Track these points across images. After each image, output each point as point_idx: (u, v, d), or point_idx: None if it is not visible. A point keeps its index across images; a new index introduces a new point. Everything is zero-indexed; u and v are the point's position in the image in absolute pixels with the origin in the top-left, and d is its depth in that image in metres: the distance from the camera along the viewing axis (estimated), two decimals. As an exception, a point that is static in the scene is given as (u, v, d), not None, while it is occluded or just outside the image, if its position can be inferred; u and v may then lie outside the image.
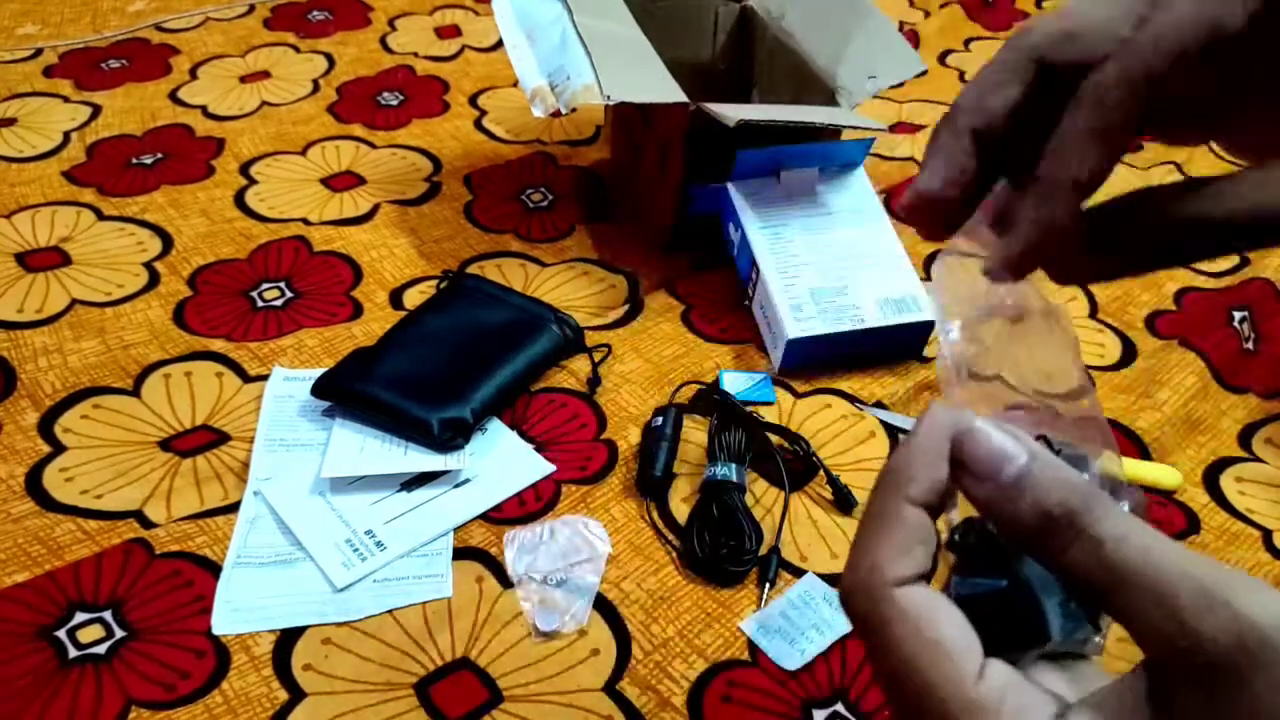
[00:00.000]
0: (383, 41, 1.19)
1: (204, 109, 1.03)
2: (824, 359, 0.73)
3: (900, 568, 0.24)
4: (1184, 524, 0.64)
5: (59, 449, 0.64)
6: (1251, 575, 0.58)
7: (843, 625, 0.56)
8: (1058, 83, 0.28)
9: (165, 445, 0.65)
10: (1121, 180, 0.32)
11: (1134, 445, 0.69)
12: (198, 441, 0.65)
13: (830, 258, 0.75)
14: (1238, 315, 0.81)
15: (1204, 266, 0.87)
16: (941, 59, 1.22)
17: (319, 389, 0.66)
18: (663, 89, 0.72)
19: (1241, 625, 0.20)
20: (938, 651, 0.23)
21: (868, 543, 0.25)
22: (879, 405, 0.71)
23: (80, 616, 0.54)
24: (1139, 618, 0.22)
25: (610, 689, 0.53)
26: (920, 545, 0.25)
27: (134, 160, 0.94)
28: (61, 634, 0.53)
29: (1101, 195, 0.29)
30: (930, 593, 0.24)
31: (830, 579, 0.59)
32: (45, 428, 0.66)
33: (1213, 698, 0.20)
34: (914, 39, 1.26)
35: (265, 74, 1.11)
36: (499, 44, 1.18)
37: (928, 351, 0.76)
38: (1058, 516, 0.23)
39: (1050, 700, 0.23)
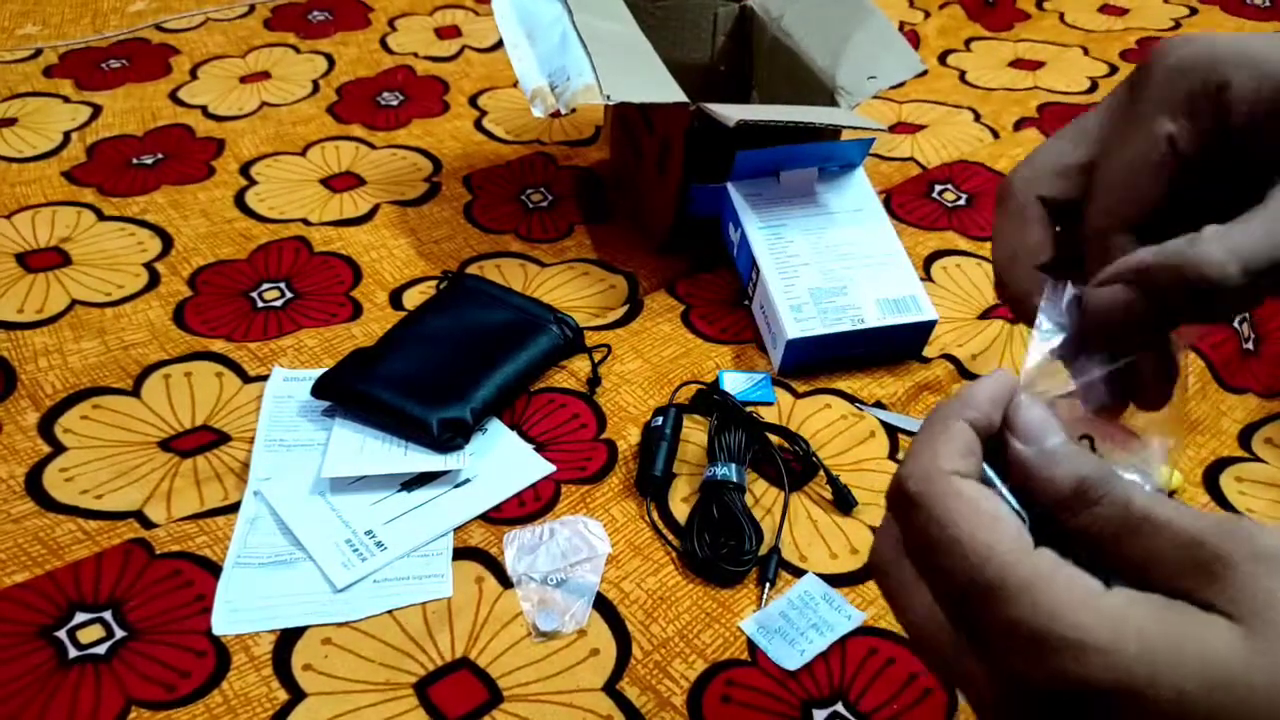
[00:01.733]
0: (383, 42, 1.19)
1: (204, 109, 1.03)
2: (824, 359, 0.73)
3: (954, 461, 0.27)
4: (1184, 524, 0.64)
5: (59, 449, 0.65)
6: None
7: (843, 625, 0.56)
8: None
9: (165, 445, 0.65)
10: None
11: (1134, 445, 0.69)
12: (198, 441, 0.66)
13: (830, 258, 0.75)
14: (1238, 315, 0.81)
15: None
16: (941, 59, 1.22)
17: (319, 389, 0.66)
18: (663, 89, 0.72)
19: (1256, 544, 0.23)
20: (998, 525, 0.25)
21: (929, 440, 0.27)
22: (879, 405, 0.71)
23: (80, 616, 0.54)
24: (1155, 556, 0.24)
25: (610, 689, 0.53)
26: (971, 455, 0.27)
27: (134, 160, 0.94)
28: (61, 634, 0.53)
29: None
30: (978, 485, 0.27)
31: (830, 579, 0.59)
32: (45, 428, 0.66)
33: (1254, 606, 0.23)
34: (914, 39, 1.26)
35: (265, 74, 1.11)
36: (499, 44, 1.18)
37: (927, 351, 0.76)
38: (1091, 481, 0.26)
39: (1096, 579, 0.24)
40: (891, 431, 0.69)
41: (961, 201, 0.94)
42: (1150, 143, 0.30)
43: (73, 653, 0.53)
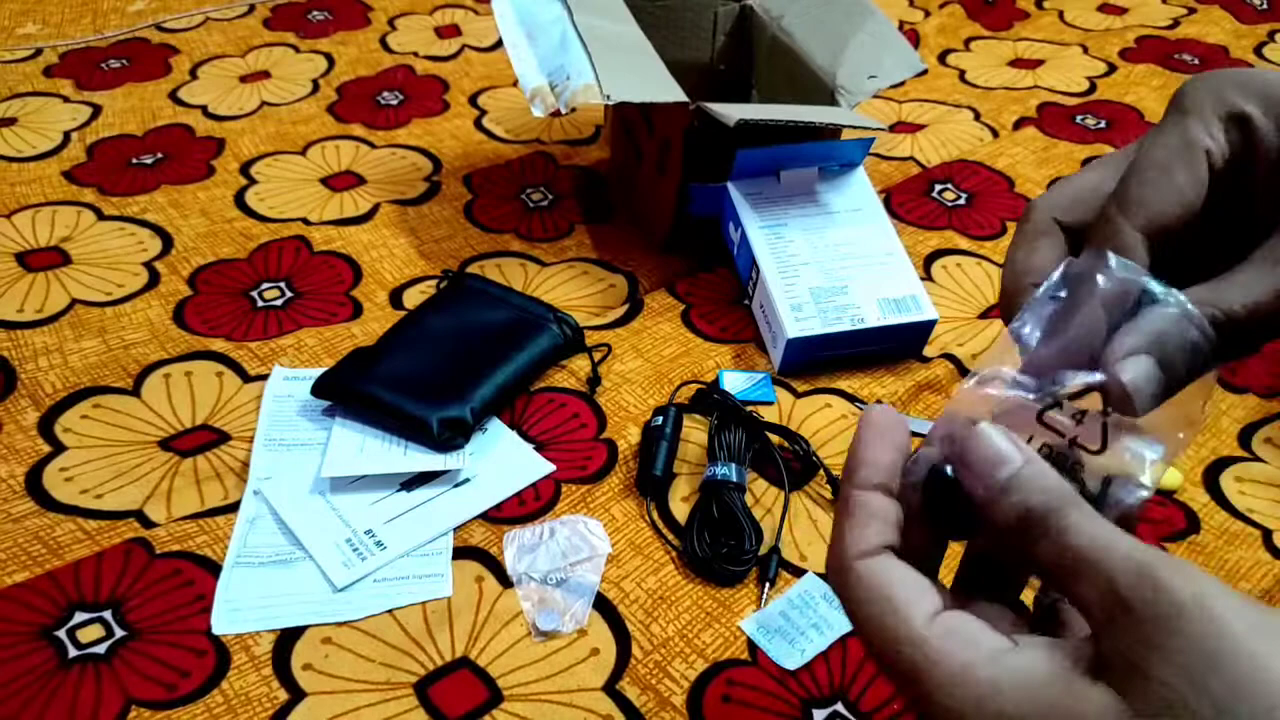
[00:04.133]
0: (383, 41, 1.19)
1: (204, 109, 1.03)
2: (824, 358, 0.73)
3: (860, 544, 0.28)
4: (1184, 524, 0.64)
5: (59, 449, 0.65)
6: (1251, 575, 0.58)
7: (842, 625, 0.56)
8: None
9: (165, 445, 0.65)
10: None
11: (1134, 445, 0.69)
12: (198, 441, 0.65)
13: (830, 257, 0.75)
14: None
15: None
16: (941, 59, 1.22)
17: (319, 388, 0.66)
18: (663, 89, 0.72)
19: (1162, 598, 0.22)
20: (883, 604, 0.27)
21: (837, 529, 0.29)
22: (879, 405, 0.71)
23: (80, 616, 0.54)
24: (1084, 595, 0.24)
25: (610, 688, 0.53)
26: (879, 522, 0.28)
27: (134, 160, 0.94)
28: (61, 634, 0.53)
29: None
30: (885, 560, 0.28)
31: (830, 579, 0.59)
32: (45, 427, 0.66)
33: (1141, 659, 0.22)
34: (914, 38, 1.26)
35: (265, 74, 1.11)
36: (499, 44, 1.18)
37: (927, 351, 0.76)
38: (1035, 515, 0.26)
39: (996, 644, 0.25)
40: (891, 431, 0.69)
41: (961, 201, 0.94)
42: (1188, 144, 0.30)
43: (73, 652, 0.53)
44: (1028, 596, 0.32)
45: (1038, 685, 0.24)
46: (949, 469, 0.28)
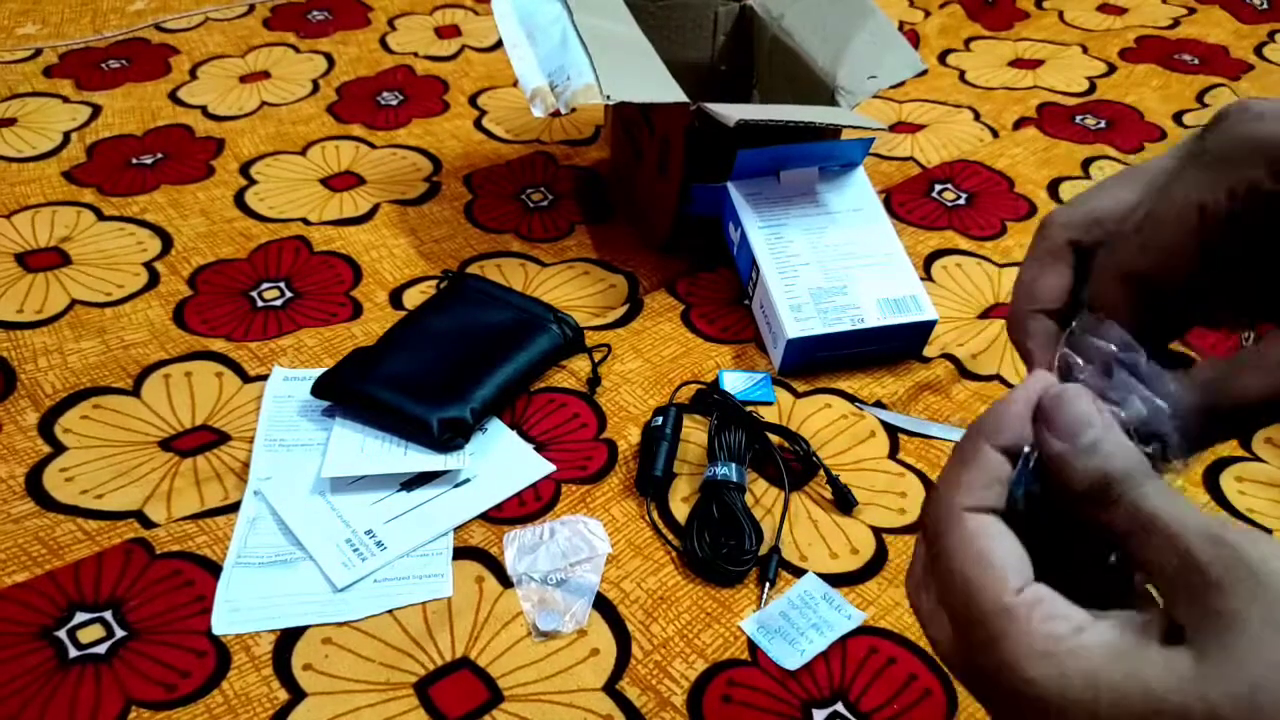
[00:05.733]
0: (382, 41, 1.19)
1: (204, 109, 1.03)
2: (824, 359, 0.73)
3: (973, 497, 0.28)
4: (1184, 524, 0.64)
5: (59, 449, 0.65)
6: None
7: (842, 625, 0.56)
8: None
9: (165, 445, 0.65)
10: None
11: (1134, 445, 0.69)
12: (198, 441, 0.65)
13: (830, 258, 0.75)
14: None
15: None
16: (941, 59, 1.22)
17: (319, 389, 0.66)
18: (663, 89, 0.72)
19: (1238, 561, 0.23)
20: (982, 563, 0.27)
21: (952, 472, 0.29)
22: (879, 405, 0.71)
23: (80, 616, 0.54)
24: (1157, 561, 0.25)
25: (610, 689, 0.53)
26: (996, 483, 0.28)
27: (134, 160, 0.94)
28: (61, 634, 0.53)
29: None
30: (993, 521, 0.28)
31: (831, 579, 0.59)
32: (45, 428, 0.66)
33: (1217, 622, 0.23)
34: (914, 38, 1.26)
35: (265, 74, 1.11)
36: (499, 44, 1.18)
37: (928, 351, 0.76)
38: (1113, 480, 0.26)
39: (1080, 617, 0.25)
40: (892, 431, 0.69)
41: (961, 201, 0.94)
42: (1188, 208, 0.29)
43: (73, 653, 0.53)
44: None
45: (1117, 655, 0.24)
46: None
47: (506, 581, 0.58)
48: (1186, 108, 1.12)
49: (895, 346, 0.75)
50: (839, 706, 0.52)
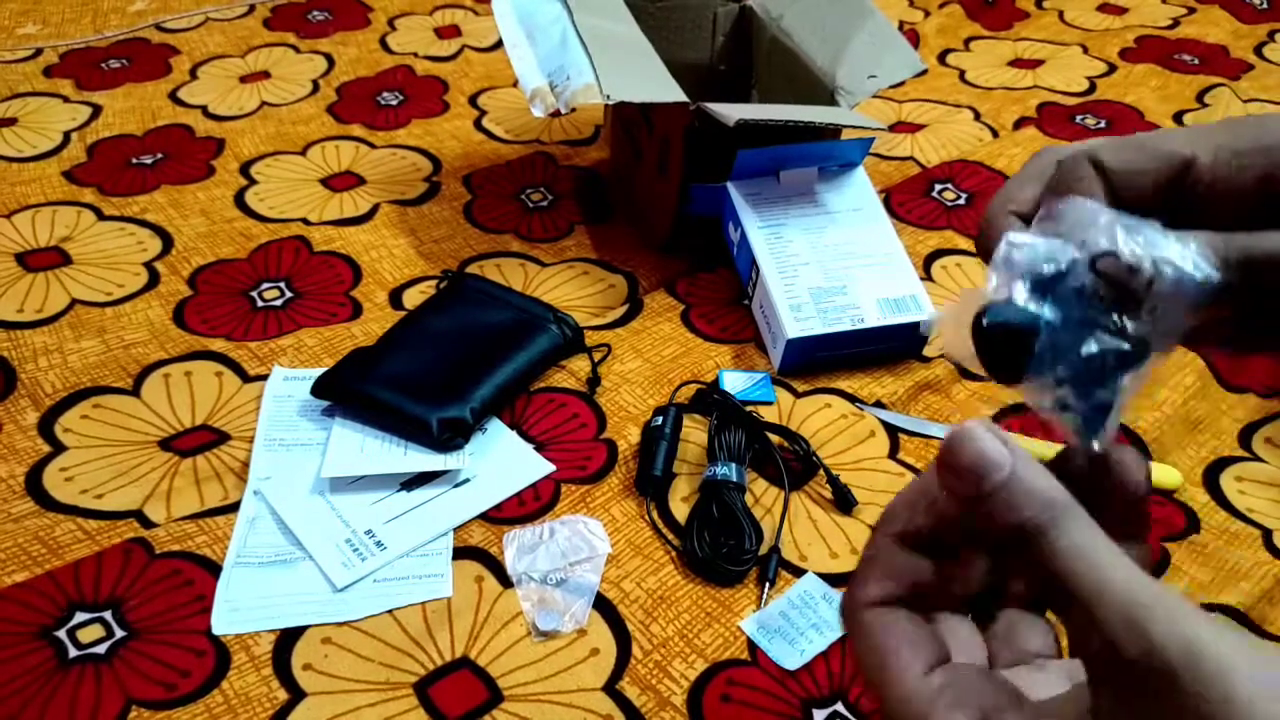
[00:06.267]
0: (382, 41, 1.19)
1: (204, 109, 1.03)
2: (824, 359, 0.73)
3: (869, 593, 0.28)
4: (1184, 524, 0.64)
5: (59, 449, 0.65)
6: (1251, 575, 0.58)
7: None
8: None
9: (165, 445, 0.65)
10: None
11: (1134, 445, 0.69)
12: (198, 441, 0.65)
13: (830, 258, 0.75)
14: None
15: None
16: (941, 59, 1.22)
17: (319, 388, 0.66)
18: (663, 89, 0.72)
19: (1154, 652, 0.21)
20: (885, 655, 0.26)
21: (856, 571, 0.29)
22: (879, 405, 0.71)
23: (80, 616, 0.54)
24: (1077, 631, 0.23)
25: (610, 689, 0.53)
26: (889, 572, 0.28)
27: (134, 160, 0.94)
28: (61, 634, 0.53)
29: None
30: (890, 613, 0.27)
31: (830, 579, 0.59)
32: (45, 427, 0.66)
33: (1135, 712, 0.22)
34: (914, 38, 1.26)
35: (265, 74, 1.11)
36: (499, 44, 1.18)
37: (928, 351, 0.76)
38: (1028, 529, 0.24)
39: (993, 694, 0.25)
40: (892, 431, 0.69)
41: (961, 201, 0.94)
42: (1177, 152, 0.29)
43: (73, 652, 0.53)
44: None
45: None
46: (993, 310, 0.27)
47: (506, 581, 0.58)
48: (1186, 108, 1.12)
49: (895, 346, 0.75)
50: (839, 706, 0.52)
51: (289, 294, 0.79)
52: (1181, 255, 0.26)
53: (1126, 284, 0.27)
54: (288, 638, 0.54)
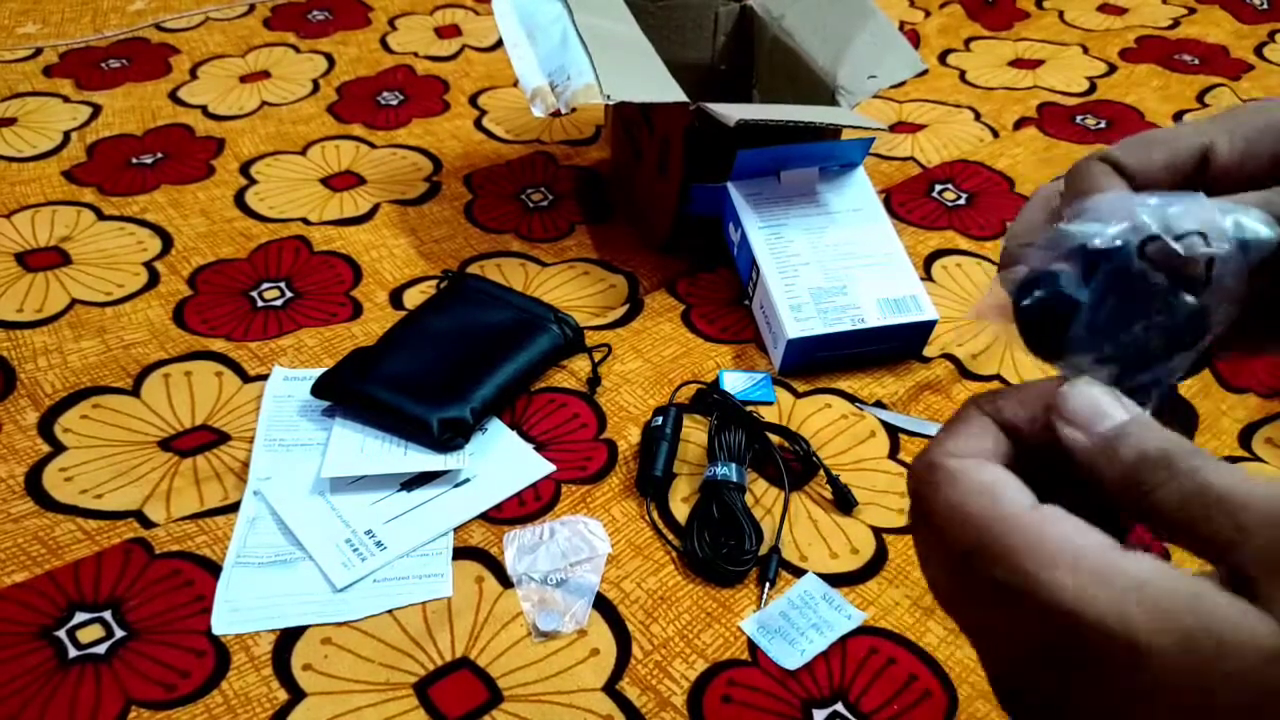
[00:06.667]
0: (383, 41, 1.19)
1: (204, 109, 1.03)
2: (824, 359, 0.73)
3: (960, 448, 0.26)
4: (1184, 524, 0.64)
5: (59, 449, 0.64)
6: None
7: (842, 625, 0.56)
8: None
9: (165, 445, 0.65)
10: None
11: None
12: (197, 441, 0.65)
13: (830, 258, 0.75)
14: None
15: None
16: (941, 59, 1.22)
17: (319, 389, 0.66)
18: (663, 88, 0.72)
19: None
20: (987, 492, 0.24)
21: (943, 432, 0.27)
22: (879, 405, 0.71)
23: (80, 616, 0.54)
24: (1221, 540, 0.22)
25: (610, 689, 0.53)
26: (985, 440, 0.26)
27: (134, 160, 0.94)
28: (61, 634, 0.53)
29: None
30: (982, 462, 0.25)
31: (830, 579, 0.59)
32: (45, 427, 0.66)
33: None
34: (914, 39, 1.26)
35: (265, 74, 1.11)
36: (499, 44, 1.18)
37: (928, 351, 0.76)
38: (1153, 458, 0.23)
39: (1111, 539, 0.23)
40: (892, 431, 0.69)
41: (962, 201, 0.94)
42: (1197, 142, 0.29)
43: (73, 653, 0.53)
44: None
45: (1170, 585, 0.21)
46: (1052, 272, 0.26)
47: (506, 581, 0.58)
48: (1187, 108, 1.12)
49: (895, 346, 0.74)
50: (839, 707, 0.52)
51: (289, 294, 0.79)
52: (1240, 223, 0.26)
53: (1180, 268, 0.26)
54: (287, 638, 0.54)
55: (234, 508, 0.61)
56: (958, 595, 0.26)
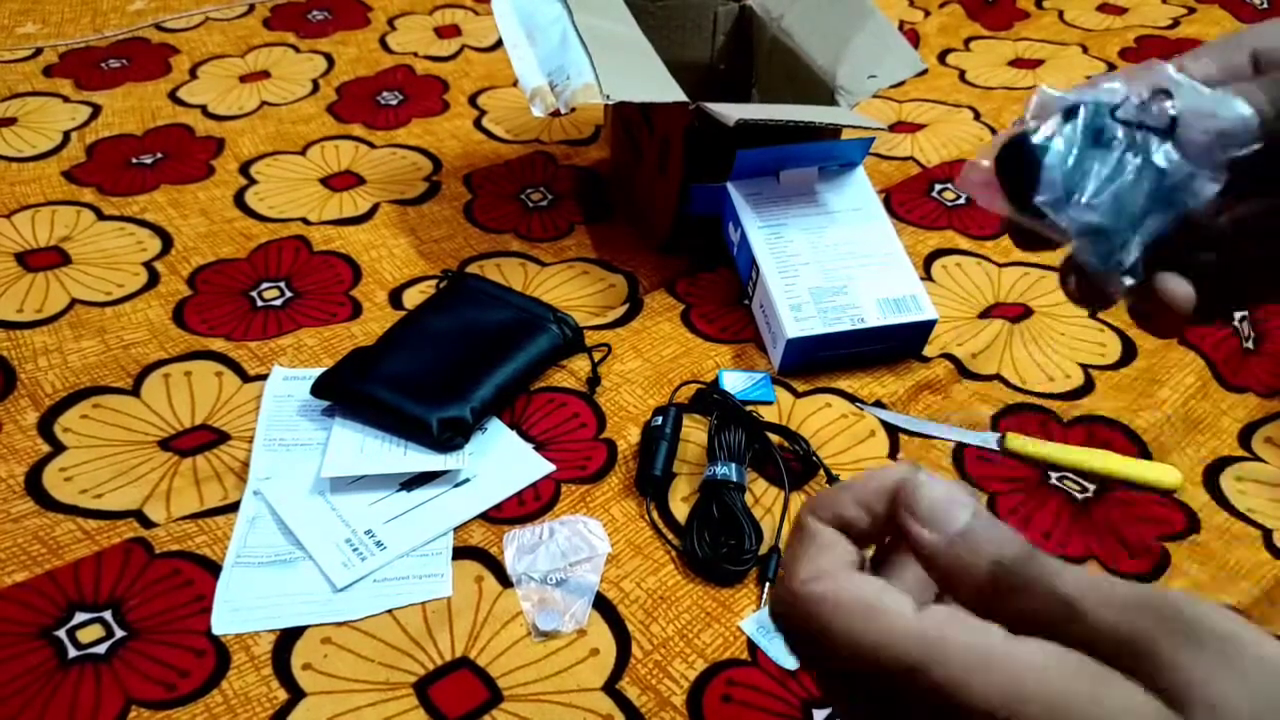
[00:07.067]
0: (382, 41, 1.19)
1: (204, 109, 1.03)
2: (824, 359, 0.73)
3: (819, 569, 0.25)
4: (1184, 523, 0.64)
5: (59, 449, 0.64)
6: (1251, 575, 0.58)
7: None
8: None
9: (165, 445, 0.65)
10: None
11: (1134, 445, 0.69)
12: (197, 441, 0.65)
13: (830, 257, 0.75)
14: (1238, 315, 0.81)
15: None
16: (941, 59, 1.22)
17: (319, 388, 0.66)
18: (663, 88, 0.72)
19: (1182, 625, 0.21)
20: (868, 609, 0.23)
21: (788, 560, 0.26)
22: (879, 405, 0.71)
23: (80, 616, 0.54)
24: (1091, 641, 0.22)
25: (610, 689, 0.53)
26: (838, 550, 0.25)
27: (134, 160, 0.94)
28: (61, 634, 0.53)
29: None
30: (849, 575, 0.25)
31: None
32: (45, 427, 0.66)
33: (1164, 683, 0.21)
34: (914, 39, 1.26)
35: (265, 74, 1.11)
36: (499, 44, 1.18)
37: (927, 351, 0.76)
38: (1009, 565, 0.23)
39: (1001, 628, 0.23)
40: (891, 431, 0.69)
41: (961, 200, 0.94)
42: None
43: (72, 652, 0.53)
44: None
45: (1071, 672, 0.21)
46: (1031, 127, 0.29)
47: (506, 581, 0.58)
48: (1186, 107, 1.12)
49: (895, 346, 0.74)
50: (839, 706, 0.52)
51: (289, 294, 0.79)
52: (1212, 99, 0.28)
53: (1145, 124, 0.28)
54: (287, 638, 0.54)
55: (234, 507, 0.61)
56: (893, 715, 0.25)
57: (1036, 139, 0.29)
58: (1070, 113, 0.29)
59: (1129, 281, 0.30)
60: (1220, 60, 0.31)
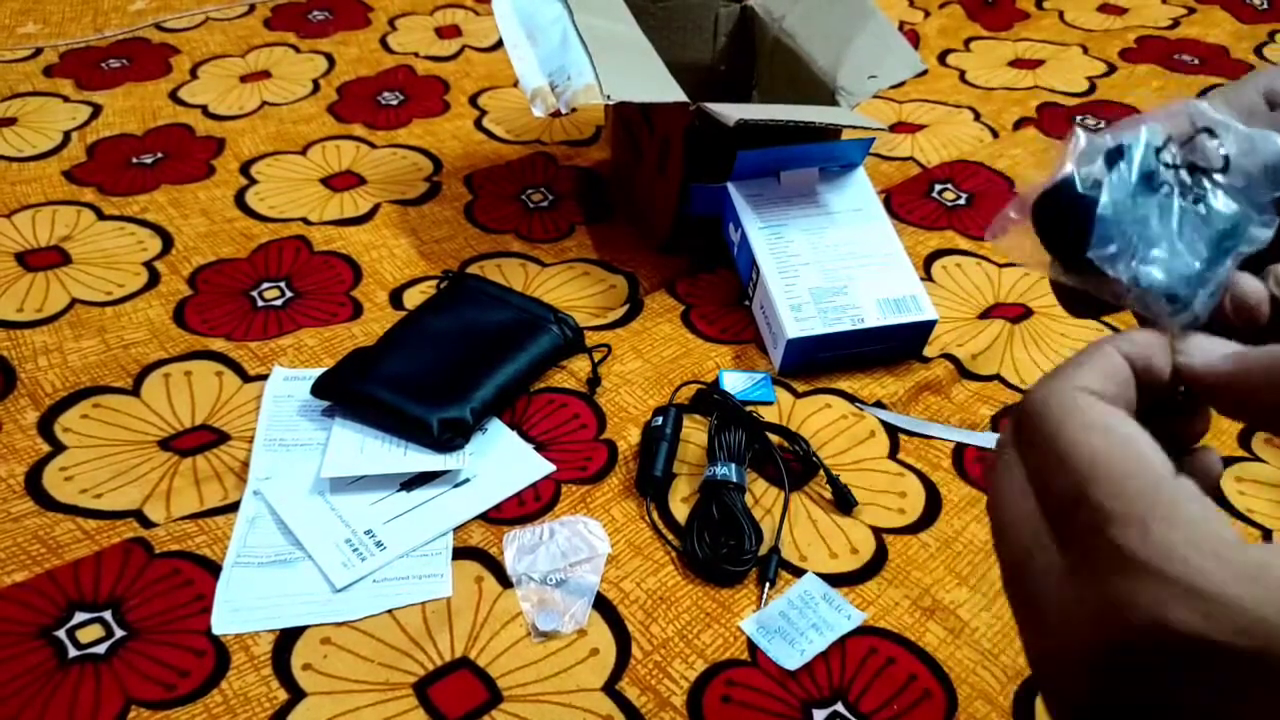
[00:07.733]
0: (383, 41, 1.19)
1: (204, 109, 1.03)
2: (824, 359, 0.73)
3: (1092, 384, 0.24)
4: (1184, 524, 0.64)
5: (59, 448, 0.64)
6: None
7: (842, 625, 0.56)
8: None
9: (165, 445, 0.65)
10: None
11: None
12: (197, 441, 0.65)
13: (830, 258, 0.75)
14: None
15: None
16: (941, 59, 1.22)
17: (319, 388, 0.66)
18: (663, 89, 0.72)
19: None
20: (1138, 444, 0.23)
21: (1068, 362, 0.25)
22: (879, 405, 0.71)
23: (80, 616, 0.54)
24: None
25: (610, 689, 0.53)
26: (1115, 381, 0.25)
27: (134, 160, 0.94)
28: (61, 634, 0.53)
29: None
30: (1122, 412, 0.24)
31: (830, 579, 0.59)
32: (45, 427, 0.66)
33: None
34: (914, 39, 1.26)
35: (265, 74, 1.11)
36: (499, 44, 1.18)
37: (927, 351, 0.76)
38: None
39: (1233, 531, 0.21)
40: (892, 431, 0.69)
41: (961, 201, 0.94)
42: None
43: (72, 652, 0.53)
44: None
45: None
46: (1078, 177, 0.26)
47: (506, 582, 0.58)
48: (1187, 108, 1.12)
49: (895, 346, 0.74)
50: (839, 707, 0.52)
51: (289, 294, 0.79)
52: (1253, 135, 0.26)
53: (1192, 166, 0.26)
54: (287, 638, 0.54)
55: (234, 507, 0.61)
56: (1039, 544, 0.23)
57: (1080, 186, 0.27)
58: (1113, 156, 0.27)
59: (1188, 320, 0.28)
60: (1232, 102, 0.29)
